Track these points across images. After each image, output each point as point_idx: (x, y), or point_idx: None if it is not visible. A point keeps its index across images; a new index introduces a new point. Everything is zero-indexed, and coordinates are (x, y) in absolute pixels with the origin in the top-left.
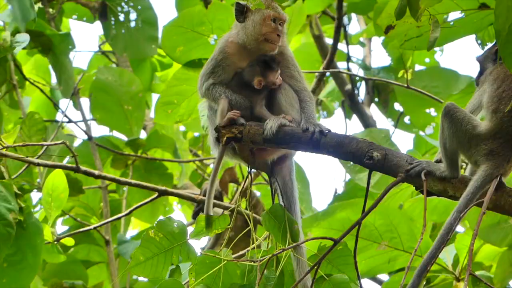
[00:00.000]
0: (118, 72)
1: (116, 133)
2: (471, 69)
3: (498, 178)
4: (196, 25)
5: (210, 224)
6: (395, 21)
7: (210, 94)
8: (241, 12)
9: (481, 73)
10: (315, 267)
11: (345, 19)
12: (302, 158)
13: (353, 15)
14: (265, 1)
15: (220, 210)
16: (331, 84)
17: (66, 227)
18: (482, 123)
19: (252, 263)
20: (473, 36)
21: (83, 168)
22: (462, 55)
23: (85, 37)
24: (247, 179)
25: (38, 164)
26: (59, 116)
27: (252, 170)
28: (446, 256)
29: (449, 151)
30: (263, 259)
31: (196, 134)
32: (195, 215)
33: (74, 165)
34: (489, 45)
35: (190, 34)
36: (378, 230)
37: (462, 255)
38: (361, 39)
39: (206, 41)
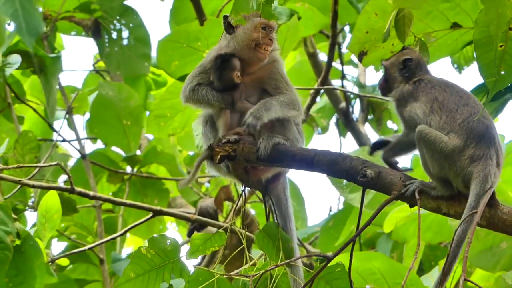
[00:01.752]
0: (117, 87)
1: (113, 148)
2: None
3: (491, 193)
4: (192, 40)
5: None
6: (366, 47)
7: (195, 94)
8: (230, 25)
9: (386, 80)
10: (308, 284)
11: (340, 37)
12: (297, 176)
13: (348, 33)
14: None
15: (214, 229)
16: (323, 100)
17: (62, 244)
18: (450, 138)
19: (245, 279)
20: (449, 58)
21: (77, 189)
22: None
23: (80, 55)
24: (241, 198)
25: (33, 186)
26: (53, 135)
27: (246, 188)
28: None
29: (434, 174)
30: (255, 275)
31: (191, 153)
32: (190, 234)
33: (68, 186)
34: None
35: (185, 49)
36: (361, 275)
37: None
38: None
39: (201, 56)
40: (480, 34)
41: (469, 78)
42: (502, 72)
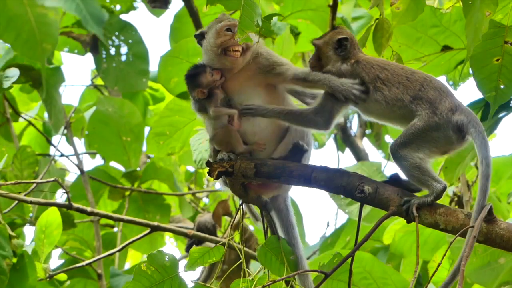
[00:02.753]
0: (118, 103)
1: (113, 165)
2: None
3: (489, 208)
4: (191, 56)
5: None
6: None
7: (195, 108)
8: (202, 39)
9: (318, 58)
10: None
11: None
12: (295, 192)
13: None
14: (220, 16)
15: (213, 245)
16: None
17: (62, 261)
18: (417, 110)
19: None
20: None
21: (75, 205)
22: None
23: (77, 71)
24: (239, 213)
25: (31, 202)
26: (51, 150)
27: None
28: None
29: (423, 175)
30: None
31: (190, 168)
32: (188, 249)
33: (66, 203)
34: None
35: (185, 64)
36: (353, 278)
37: None
38: None
39: None
40: (475, 50)
41: (465, 94)
42: (502, 86)
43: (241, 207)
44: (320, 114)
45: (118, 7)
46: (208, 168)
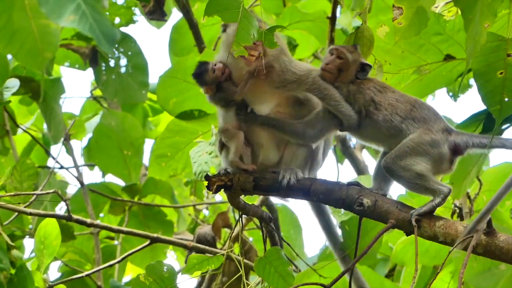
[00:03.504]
0: (121, 117)
1: (113, 179)
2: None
3: (487, 221)
4: (189, 75)
5: None
6: None
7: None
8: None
9: (340, 68)
10: None
11: None
12: (295, 203)
13: None
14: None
15: None
16: None
17: (60, 274)
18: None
19: None
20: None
21: (75, 216)
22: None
23: (77, 82)
24: (238, 225)
25: (30, 214)
26: (51, 162)
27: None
28: None
29: (427, 181)
30: None
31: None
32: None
33: (66, 214)
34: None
35: (183, 84)
36: None
37: None
38: None
39: (198, 91)
40: (478, 64)
41: (464, 105)
42: (506, 99)
43: (240, 219)
44: (310, 128)
45: (117, 19)
46: (207, 182)
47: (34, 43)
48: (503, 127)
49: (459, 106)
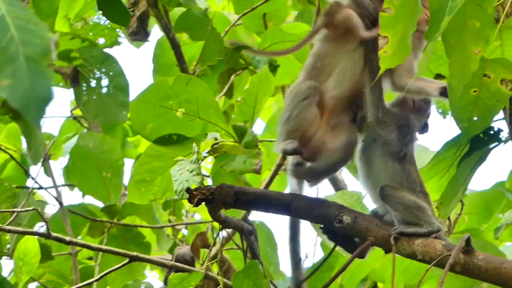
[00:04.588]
0: (99, 139)
1: (93, 200)
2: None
3: (466, 239)
4: (163, 99)
5: None
6: None
7: None
8: None
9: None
10: None
11: None
12: (271, 220)
13: None
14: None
15: None
16: None
17: None
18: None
19: None
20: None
21: (54, 234)
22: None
23: (57, 102)
24: (218, 241)
25: (10, 231)
26: (29, 182)
27: (223, 234)
28: None
29: (423, 213)
30: None
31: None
32: (166, 280)
33: (45, 232)
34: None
35: (158, 109)
36: None
37: None
38: None
39: (174, 115)
40: (454, 78)
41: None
42: (475, 118)
43: (218, 236)
44: None
45: (102, 40)
46: (188, 195)
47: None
48: (490, 146)
49: (449, 124)
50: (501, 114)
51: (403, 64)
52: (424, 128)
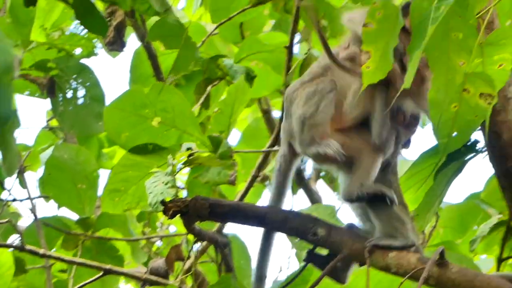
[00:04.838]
0: (75, 150)
1: (68, 212)
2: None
3: (440, 252)
4: (138, 107)
5: None
6: None
7: None
8: None
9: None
10: None
11: None
12: (245, 233)
13: None
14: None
15: None
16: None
17: None
18: None
19: None
20: None
21: (28, 247)
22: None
23: (32, 112)
24: (192, 254)
25: None
26: (4, 194)
27: (197, 247)
28: None
29: (403, 225)
30: None
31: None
32: None
33: (19, 245)
34: None
35: (134, 118)
36: None
37: None
38: None
39: (150, 125)
40: (435, 93)
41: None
42: (454, 134)
43: (192, 249)
44: None
45: (78, 50)
46: (163, 208)
47: None
48: (467, 157)
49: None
50: None
51: (427, 84)
52: (406, 143)
